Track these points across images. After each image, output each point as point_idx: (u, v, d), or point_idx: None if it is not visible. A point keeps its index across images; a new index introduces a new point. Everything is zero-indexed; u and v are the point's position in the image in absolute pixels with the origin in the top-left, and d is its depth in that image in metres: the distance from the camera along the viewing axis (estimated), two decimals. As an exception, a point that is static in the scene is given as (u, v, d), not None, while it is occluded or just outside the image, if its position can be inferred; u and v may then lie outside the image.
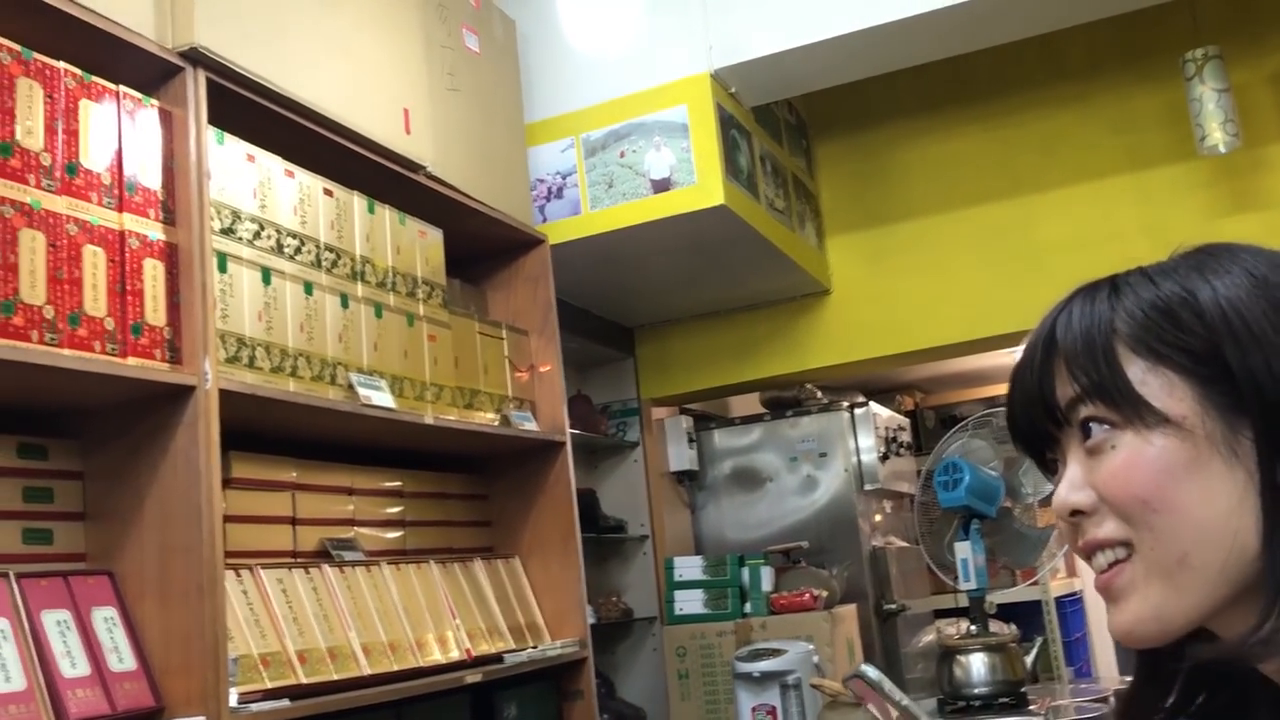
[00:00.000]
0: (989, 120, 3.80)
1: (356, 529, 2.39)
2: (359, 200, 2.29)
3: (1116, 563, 0.78)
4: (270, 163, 2.07)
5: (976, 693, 2.78)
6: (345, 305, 2.19)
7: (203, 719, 1.67)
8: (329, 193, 2.21)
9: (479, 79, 2.78)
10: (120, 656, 1.68)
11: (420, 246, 2.47)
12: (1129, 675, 0.87)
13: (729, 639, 3.48)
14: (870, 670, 1.99)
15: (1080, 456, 0.80)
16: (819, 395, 4.33)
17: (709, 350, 4.07)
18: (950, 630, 3.61)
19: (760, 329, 4.02)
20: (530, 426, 2.73)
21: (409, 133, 2.40)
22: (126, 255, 1.73)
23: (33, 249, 1.57)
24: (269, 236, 2.03)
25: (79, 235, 1.65)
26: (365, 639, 2.15)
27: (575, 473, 2.87)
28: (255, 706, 1.79)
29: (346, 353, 2.17)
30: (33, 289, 1.56)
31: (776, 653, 2.94)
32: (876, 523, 4.22)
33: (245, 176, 2.01)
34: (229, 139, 1.98)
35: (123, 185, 1.74)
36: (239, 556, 2.02)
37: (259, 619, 1.95)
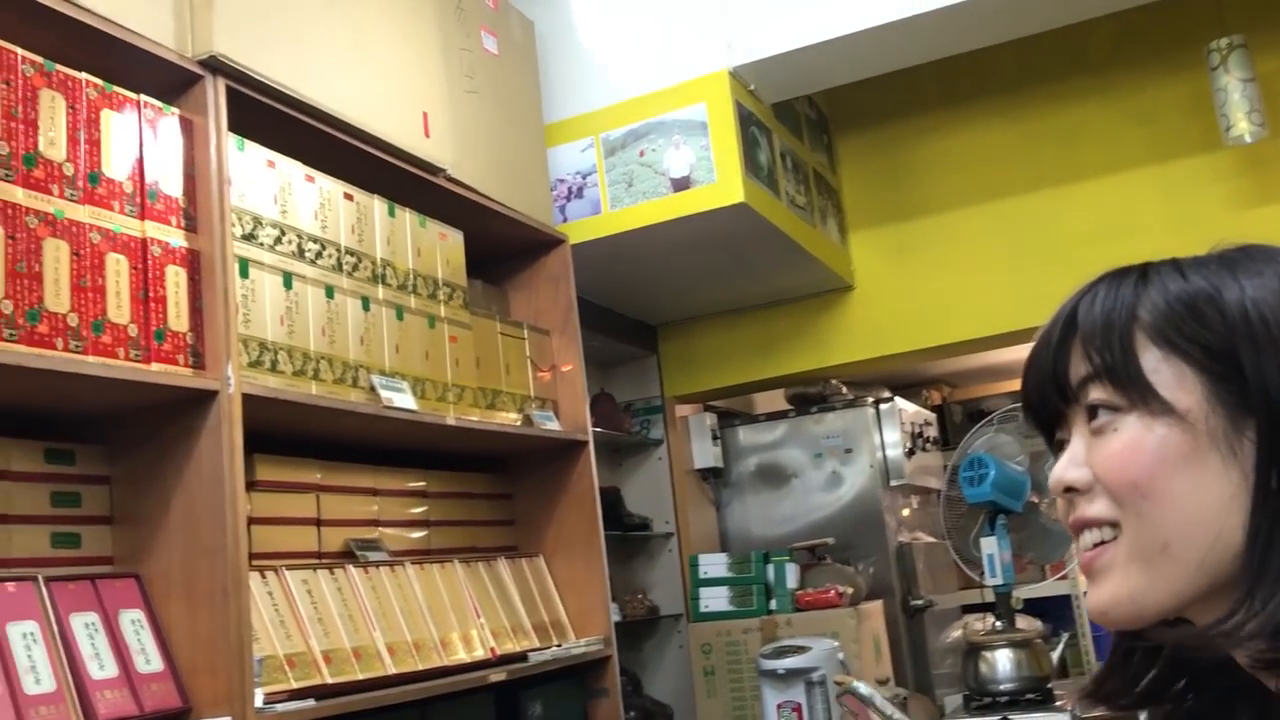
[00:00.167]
0: (1012, 113, 3.78)
1: (381, 529, 2.41)
2: (379, 204, 2.31)
3: (1102, 543, 0.79)
4: (290, 168, 2.09)
5: (1002, 689, 2.77)
6: (366, 308, 2.21)
7: (229, 719, 1.69)
8: (349, 197, 2.23)
9: (498, 80, 2.79)
10: (147, 658, 1.71)
11: (441, 249, 2.48)
12: None
13: (754, 636, 3.48)
14: (861, 686, 1.99)
15: (1084, 435, 0.81)
16: (844, 391, 4.32)
17: (732, 347, 4.07)
18: (977, 626, 3.60)
19: (783, 325, 4.01)
20: (552, 426, 2.74)
21: (428, 136, 2.41)
22: (149, 262, 1.75)
23: (56, 258, 1.59)
24: (290, 241, 2.06)
25: (102, 243, 1.68)
26: (390, 639, 2.17)
27: (599, 471, 2.88)
28: (281, 707, 1.81)
29: (368, 355, 2.19)
30: (57, 297, 1.58)
31: (801, 650, 2.95)
32: (903, 518, 4.21)
33: (266, 182, 2.03)
34: (249, 145, 2.00)
35: (144, 193, 1.77)
36: (264, 558, 2.04)
37: (284, 620, 1.97)
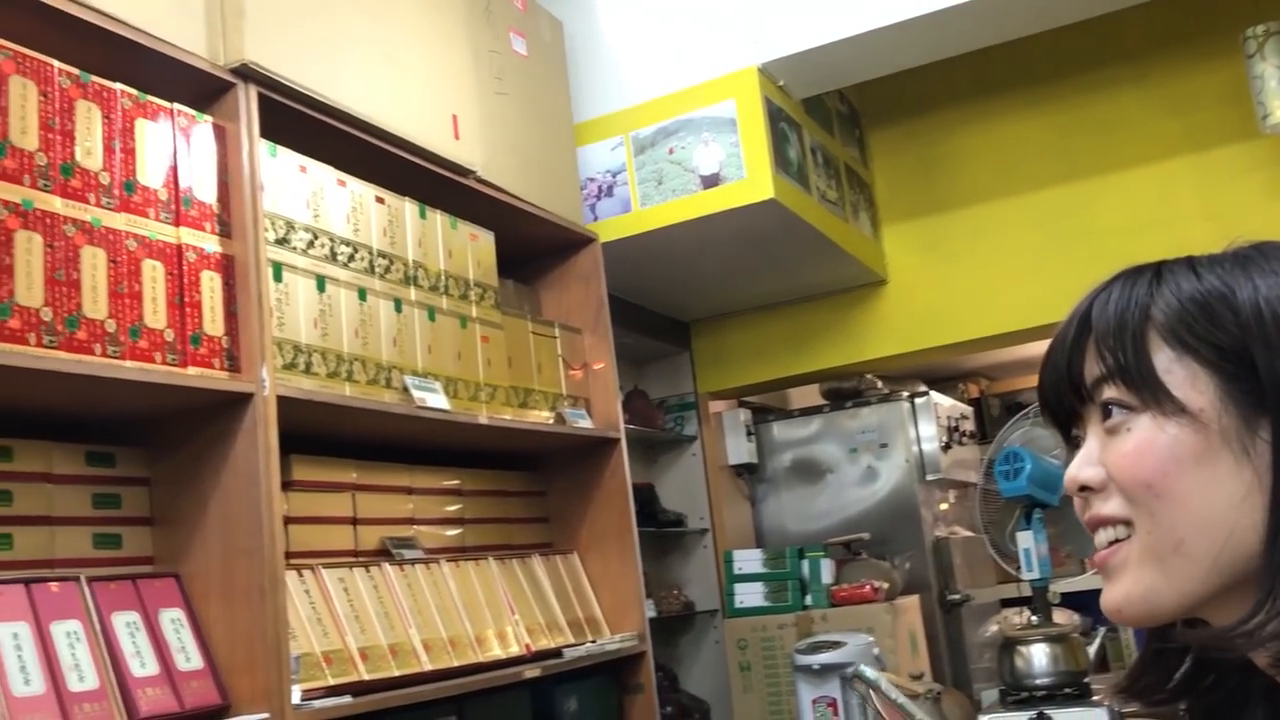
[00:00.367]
0: (1045, 104, 3.75)
1: (416, 527, 2.43)
2: (410, 206, 2.33)
3: (1116, 541, 0.79)
4: (322, 173, 2.12)
5: (1038, 683, 2.76)
6: (399, 309, 2.24)
7: (267, 716, 1.72)
8: (380, 200, 2.26)
9: (527, 81, 2.81)
10: (187, 656, 1.74)
11: (472, 249, 2.51)
12: None
13: (790, 631, 3.48)
14: (868, 671, 1.99)
15: (1099, 434, 0.81)
16: (879, 386, 4.31)
17: (766, 343, 4.07)
18: (1014, 620, 3.58)
19: (817, 320, 4.01)
20: (585, 424, 2.76)
21: (458, 138, 2.43)
22: (184, 268, 1.78)
23: (94, 265, 1.63)
24: (322, 245, 2.08)
25: (138, 250, 1.71)
26: (426, 635, 2.19)
27: (633, 467, 2.89)
28: (318, 703, 1.84)
29: (401, 356, 2.21)
30: (95, 304, 1.62)
31: (836, 645, 2.95)
32: (940, 513, 4.19)
33: (298, 187, 2.06)
34: (281, 151, 2.03)
35: (179, 200, 1.80)
36: (301, 557, 2.07)
37: (321, 617, 2.00)
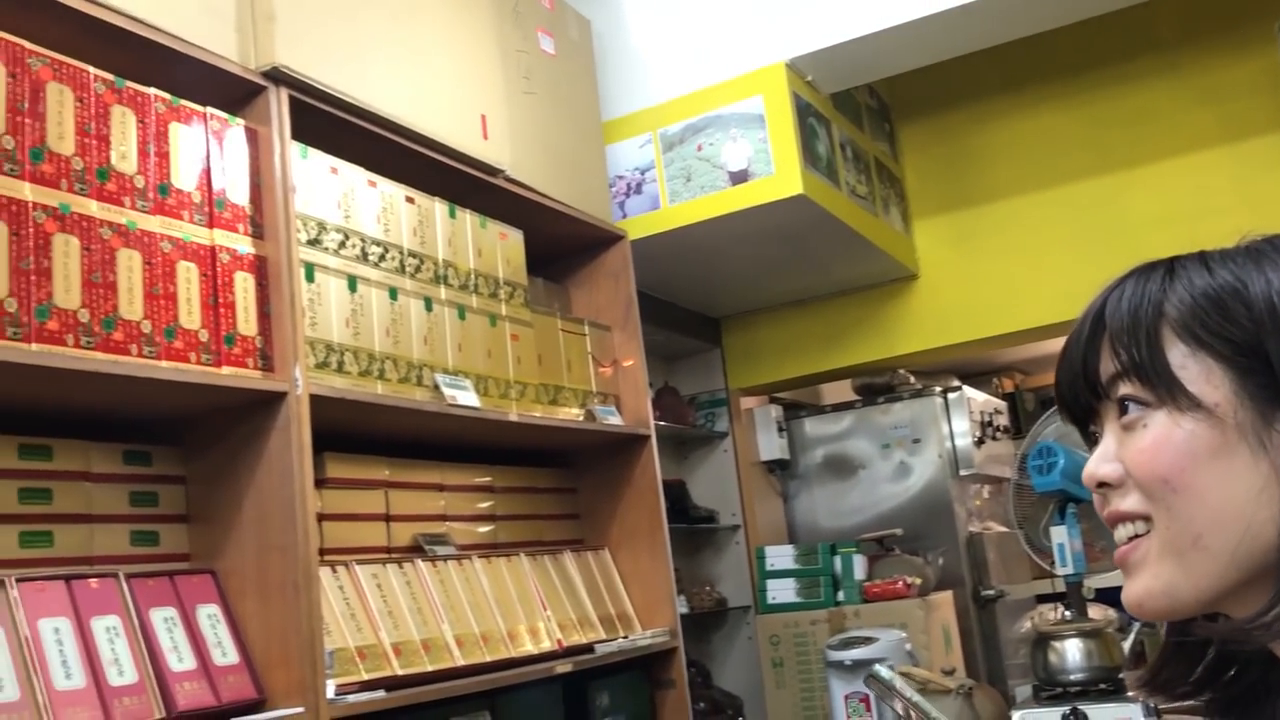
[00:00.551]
0: (1077, 96, 3.73)
1: (448, 524, 2.46)
2: (440, 206, 2.36)
3: (1136, 536, 0.80)
4: (353, 174, 2.15)
5: (1072, 679, 2.74)
6: (429, 308, 2.26)
7: (301, 710, 1.75)
8: (410, 200, 2.28)
9: (555, 80, 2.82)
10: (223, 651, 1.77)
11: (501, 248, 2.53)
12: None
13: (822, 627, 3.48)
14: (883, 670, 1.99)
15: (1115, 430, 0.82)
16: (911, 381, 4.29)
17: (797, 338, 4.07)
18: (1049, 616, 3.56)
19: (848, 315, 4.00)
20: (615, 421, 2.77)
21: (486, 138, 2.45)
22: (218, 269, 1.81)
23: (130, 267, 1.66)
24: (354, 245, 2.11)
25: (172, 252, 1.74)
26: (458, 631, 2.22)
27: (665, 464, 2.90)
28: (352, 697, 1.86)
29: (432, 354, 2.23)
30: (131, 305, 1.65)
31: (868, 641, 2.95)
32: (974, 508, 4.17)
33: (329, 188, 2.08)
34: (312, 153, 2.05)
35: (212, 202, 1.83)
36: (335, 553, 2.10)
37: (355, 613, 2.02)
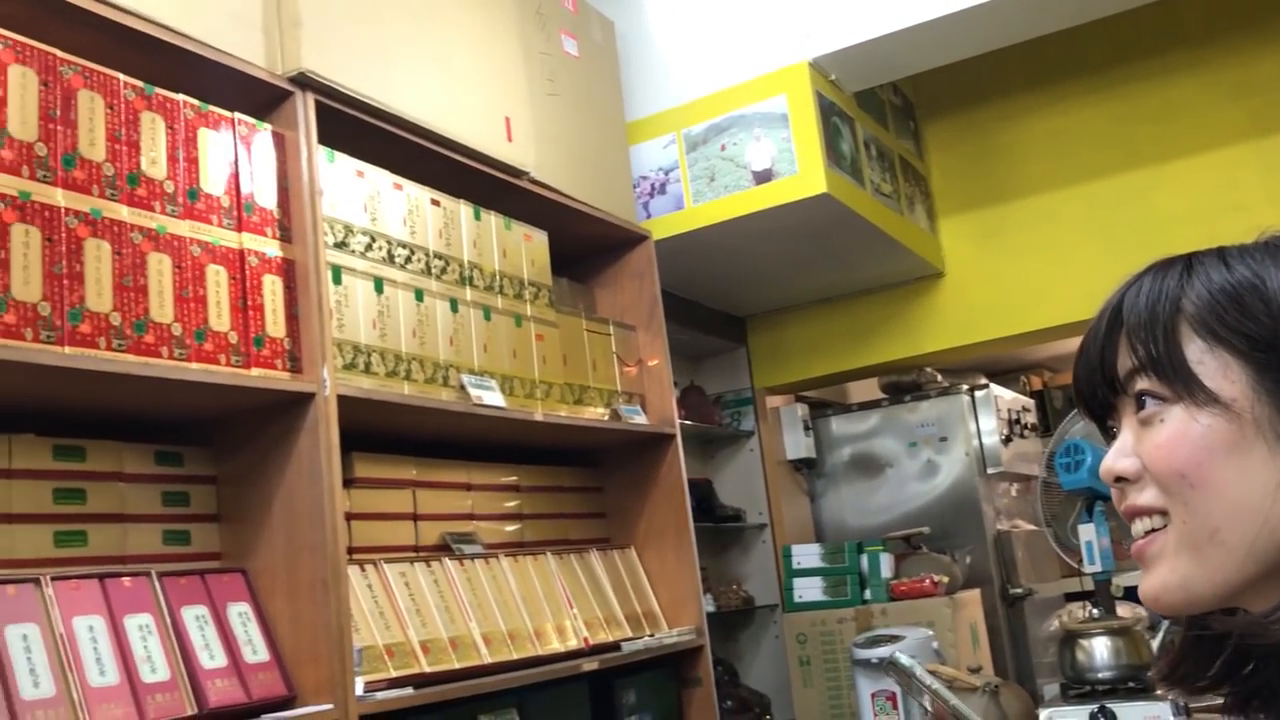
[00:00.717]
0: (1103, 92, 3.71)
1: (475, 523, 2.48)
2: (465, 208, 2.38)
3: (1153, 530, 0.80)
4: (379, 177, 2.17)
5: (1100, 677, 2.73)
6: (455, 309, 2.28)
7: (331, 707, 1.77)
8: (436, 203, 2.30)
9: (578, 82, 2.84)
10: (254, 649, 1.80)
11: (526, 249, 2.54)
12: None
13: (849, 626, 3.48)
14: (903, 658, 1.99)
15: (1133, 425, 0.83)
16: (938, 379, 4.28)
17: (822, 337, 4.07)
18: (1078, 614, 3.55)
19: (874, 314, 4.00)
20: (640, 420, 2.79)
21: (511, 140, 2.47)
22: (246, 272, 1.84)
23: (160, 271, 1.69)
24: (380, 248, 2.13)
25: (202, 256, 1.77)
26: (485, 629, 2.24)
27: (691, 463, 2.91)
28: (381, 695, 1.88)
29: (457, 355, 2.25)
30: (161, 308, 1.68)
31: (895, 639, 2.94)
32: (1002, 506, 4.16)
33: (355, 191, 2.11)
34: (339, 157, 2.08)
35: (241, 206, 1.86)
36: (364, 552, 2.13)
37: (383, 611, 2.05)
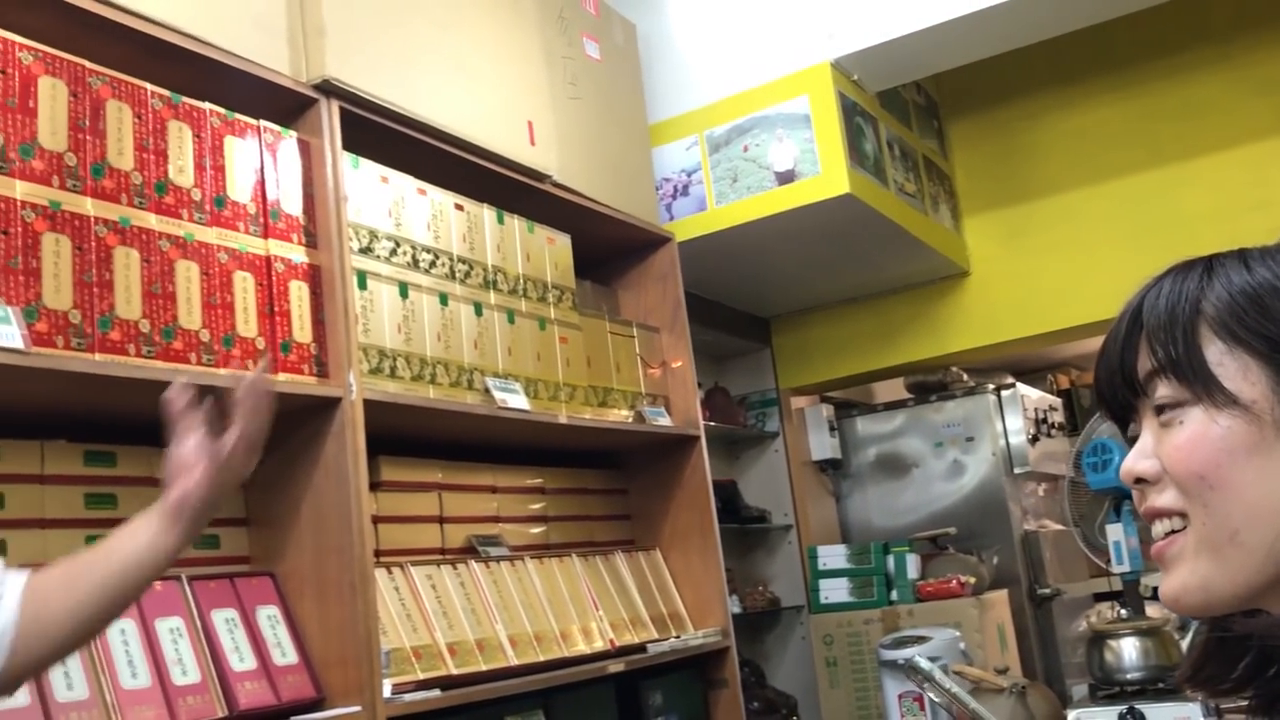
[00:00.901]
0: (1128, 89, 3.68)
1: (501, 525, 2.49)
2: (489, 212, 2.39)
3: (1173, 532, 0.80)
4: (403, 182, 2.19)
5: (1129, 678, 2.72)
6: (479, 313, 2.29)
7: (359, 709, 1.79)
8: (460, 207, 2.32)
9: (600, 85, 2.85)
10: (283, 651, 1.81)
11: (549, 252, 2.56)
12: None
13: (876, 627, 3.47)
14: (922, 661, 1.98)
15: (1153, 427, 0.83)
16: (965, 378, 4.26)
17: (847, 337, 4.06)
18: (1107, 614, 3.53)
19: (899, 314, 3.99)
20: (664, 422, 2.79)
21: (533, 144, 2.48)
22: (273, 279, 1.86)
23: (188, 278, 1.71)
24: (405, 253, 2.15)
25: (229, 263, 1.79)
26: (512, 631, 2.25)
27: (716, 464, 2.91)
28: (408, 696, 1.90)
29: (482, 359, 2.27)
30: (189, 315, 1.70)
31: (921, 640, 2.93)
32: (1029, 506, 4.14)
33: (380, 197, 2.12)
34: (363, 163, 2.10)
35: (267, 213, 1.88)
36: (391, 555, 2.14)
37: (410, 614, 2.06)
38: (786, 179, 3.04)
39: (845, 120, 3.04)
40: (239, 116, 1.87)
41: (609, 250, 2.94)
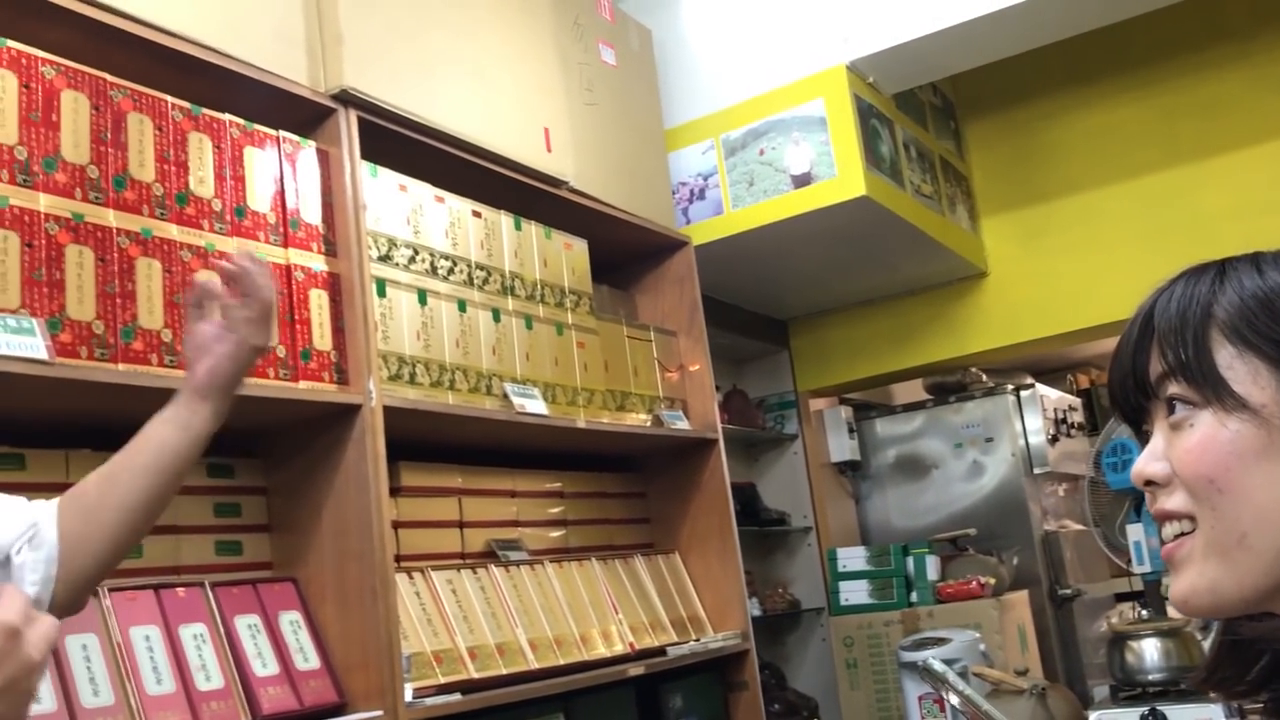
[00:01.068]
0: (1146, 88, 3.67)
1: (520, 530, 2.50)
2: (506, 219, 2.40)
3: (1182, 534, 0.80)
4: (421, 190, 2.21)
5: (1150, 679, 2.71)
6: (497, 319, 2.31)
7: (380, 713, 1.80)
8: (477, 214, 2.33)
9: (616, 91, 2.86)
10: (305, 656, 1.83)
11: (566, 258, 2.57)
12: None
13: (896, 628, 3.47)
14: (935, 663, 1.98)
15: (1164, 430, 0.83)
16: (983, 379, 4.26)
17: (865, 339, 4.06)
18: (1128, 615, 3.52)
19: (917, 315, 3.98)
20: (682, 425, 2.80)
21: (550, 150, 2.50)
22: (294, 287, 1.88)
23: (209, 288, 1.72)
24: (423, 260, 2.17)
25: (250, 272, 1.80)
26: (532, 635, 2.26)
27: (734, 467, 2.92)
28: (429, 701, 1.91)
29: (500, 364, 2.28)
30: (211, 324, 1.71)
31: (941, 641, 2.93)
32: (1049, 506, 4.13)
33: (398, 205, 2.14)
34: (382, 171, 2.11)
35: (287, 223, 1.89)
36: (411, 560, 2.16)
37: (431, 618, 2.08)
38: (803, 182, 3.04)
39: (861, 123, 3.04)
40: (258, 127, 1.89)
41: (626, 255, 2.95)
